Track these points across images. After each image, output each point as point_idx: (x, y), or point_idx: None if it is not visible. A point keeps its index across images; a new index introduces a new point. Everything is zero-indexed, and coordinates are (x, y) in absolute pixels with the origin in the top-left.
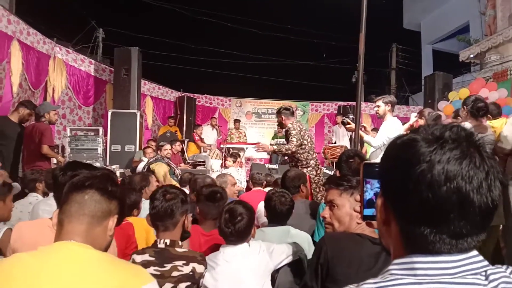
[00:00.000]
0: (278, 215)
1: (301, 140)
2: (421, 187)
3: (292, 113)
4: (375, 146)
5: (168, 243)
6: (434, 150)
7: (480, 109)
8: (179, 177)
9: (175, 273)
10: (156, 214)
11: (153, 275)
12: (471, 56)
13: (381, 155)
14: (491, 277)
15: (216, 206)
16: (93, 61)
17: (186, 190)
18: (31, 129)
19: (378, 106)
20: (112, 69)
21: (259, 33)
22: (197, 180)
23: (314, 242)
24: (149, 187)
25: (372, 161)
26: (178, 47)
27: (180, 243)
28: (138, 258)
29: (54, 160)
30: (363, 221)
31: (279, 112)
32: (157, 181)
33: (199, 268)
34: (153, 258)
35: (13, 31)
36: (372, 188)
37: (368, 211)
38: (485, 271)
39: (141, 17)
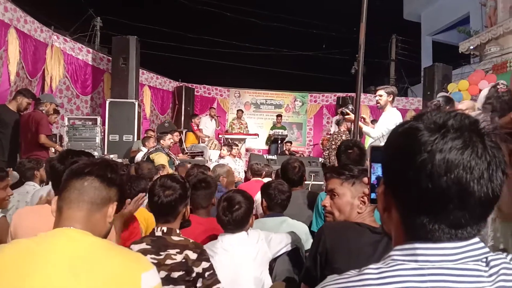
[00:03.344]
0: (276, 204)
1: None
2: (421, 177)
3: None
4: (373, 137)
5: (165, 231)
6: (436, 140)
7: None
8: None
9: (168, 261)
10: (156, 209)
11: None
12: (471, 47)
13: None
14: (491, 263)
15: (203, 194)
16: (91, 50)
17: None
18: (27, 118)
19: (380, 96)
20: (110, 58)
21: (259, 23)
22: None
23: (312, 232)
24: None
25: (380, 144)
26: (177, 36)
27: (178, 231)
28: (136, 247)
29: (53, 149)
30: (371, 204)
31: None
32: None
33: (192, 255)
34: (149, 247)
35: (10, 18)
36: (374, 172)
37: (372, 195)
38: (486, 257)
39: (139, 6)
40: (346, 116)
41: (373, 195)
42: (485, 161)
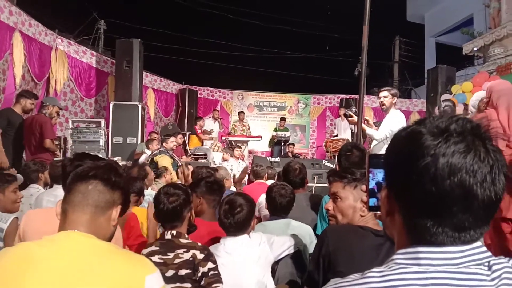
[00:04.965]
0: (278, 208)
1: None
2: (424, 180)
3: None
4: (377, 139)
5: (174, 234)
6: (439, 144)
7: None
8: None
9: (177, 260)
10: (162, 216)
11: (157, 263)
12: (475, 49)
13: (383, 148)
14: (494, 267)
15: (220, 195)
16: (94, 53)
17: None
18: (30, 121)
19: (385, 97)
20: (114, 61)
21: (262, 25)
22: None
23: (316, 235)
24: (148, 177)
25: (378, 152)
26: (180, 39)
27: (186, 235)
28: (145, 250)
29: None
30: (369, 211)
31: None
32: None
33: (199, 255)
34: (157, 248)
35: (15, 22)
36: (373, 178)
37: (371, 201)
38: (488, 261)
39: (143, 9)
40: (349, 118)
41: (371, 202)
42: (487, 164)
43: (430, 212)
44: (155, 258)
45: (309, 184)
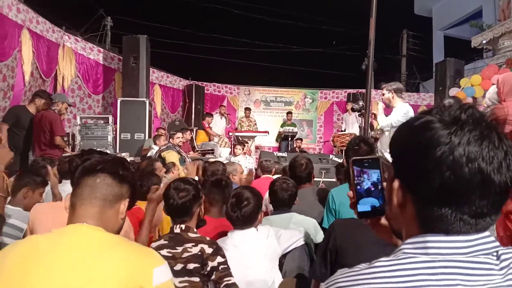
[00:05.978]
0: (280, 202)
1: None
2: (442, 169)
3: None
4: (383, 125)
5: (183, 228)
6: (454, 132)
7: None
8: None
9: (185, 254)
10: (172, 211)
11: (165, 256)
12: (484, 42)
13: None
14: (502, 257)
15: (222, 192)
16: (101, 50)
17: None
18: (39, 118)
19: (383, 94)
20: (121, 57)
21: (268, 20)
22: (208, 167)
23: (323, 229)
24: (158, 173)
25: (364, 157)
26: (186, 35)
27: (195, 229)
28: (154, 244)
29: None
30: (358, 218)
31: None
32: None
33: (208, 249)
34: (166, 242)
35: (23, 20)
36: (369, 178)
37: (366, 201)
38: (497, 251)
39: (149, 5)
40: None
41: (363, 208)
42: (502, 151)
43: (448, 200)
44: (164, 251)
45: (316, 179)
